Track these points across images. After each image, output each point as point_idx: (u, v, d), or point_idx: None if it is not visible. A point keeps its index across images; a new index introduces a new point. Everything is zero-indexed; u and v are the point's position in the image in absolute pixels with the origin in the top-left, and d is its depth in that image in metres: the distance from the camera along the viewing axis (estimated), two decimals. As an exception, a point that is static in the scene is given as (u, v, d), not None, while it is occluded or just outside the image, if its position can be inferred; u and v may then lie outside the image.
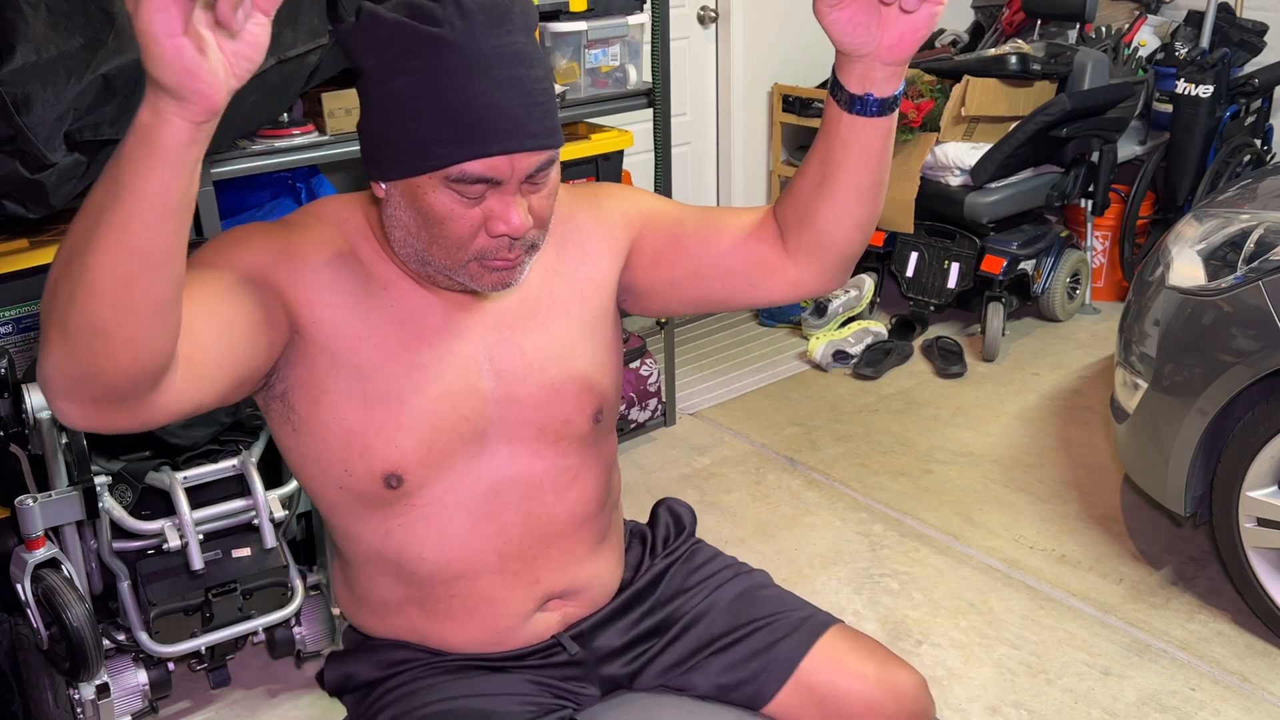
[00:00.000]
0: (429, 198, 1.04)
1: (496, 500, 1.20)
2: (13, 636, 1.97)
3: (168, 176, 0.78)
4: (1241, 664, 2.26)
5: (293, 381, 1.12)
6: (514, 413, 1.19)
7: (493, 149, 1.01)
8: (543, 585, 1.26)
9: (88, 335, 0.81)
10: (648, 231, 1.25)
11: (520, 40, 1.03)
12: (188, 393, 0.94)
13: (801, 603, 1.38)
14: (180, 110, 0.75)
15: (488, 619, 1.24)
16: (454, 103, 1.00)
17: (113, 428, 0.89)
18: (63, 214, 2.08)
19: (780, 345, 3.94)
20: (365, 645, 1.30)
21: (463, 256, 1.07)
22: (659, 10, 2.89)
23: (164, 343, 0.86)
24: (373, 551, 1.21)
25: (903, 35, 1.00)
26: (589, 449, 1.26)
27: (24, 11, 1.68)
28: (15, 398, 1.86)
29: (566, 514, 1.25)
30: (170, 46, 0.72)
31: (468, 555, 1.20)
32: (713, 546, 1.46)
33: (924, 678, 1.34)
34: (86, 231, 0.79)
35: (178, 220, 0.81)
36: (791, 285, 1.21)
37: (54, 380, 0.85)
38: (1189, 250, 2.36)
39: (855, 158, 1.09)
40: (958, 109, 3.70)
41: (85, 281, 0.80)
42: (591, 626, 1.31)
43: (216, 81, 0.75)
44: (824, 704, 1.28)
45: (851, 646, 1.32)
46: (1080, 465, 3.05)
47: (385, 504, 1.17)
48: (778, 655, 1.30)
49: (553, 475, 1.23)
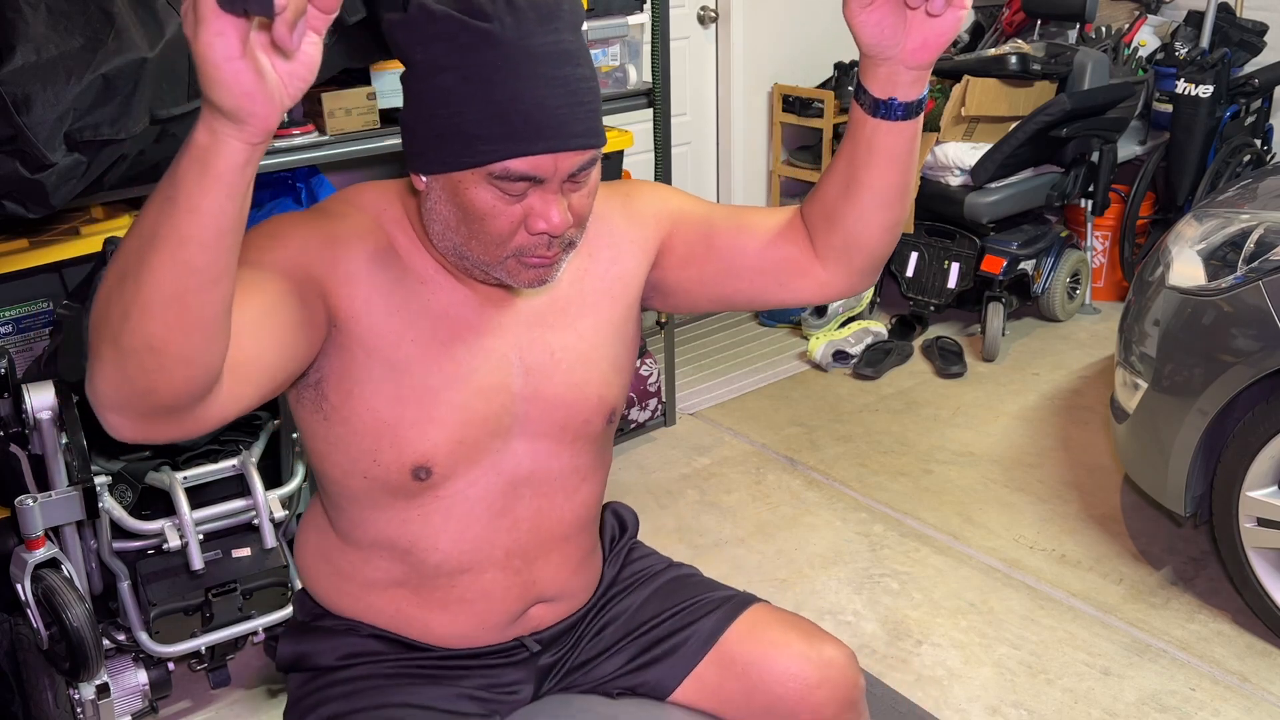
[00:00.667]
0: (470, 193, 1.04)
1: (514, 495, 1.21)
2: (13, 636, 1.97)
3: (223, 197, 0.78)
4: (1241, 664, 2.26)
5: (327, 372, 1.13)
6: (539, 411, 1.20)
7: (538, 147, 1.01)
8: (537, 587, 1.27)
9: (142, 353, 0.82)
10: (678, 230, 1.25)
11: (568, 39, 1.03)
12: (233, 400, 0.94)
13: (725, 587, 1.38)
14: (238, 132, 0.76)
15: (478, 614, 1.25)
16: (500, 99, 1.00)
17: (161, 438, 0.90)
18: (63, 214, 2.08)
19: (780, 345, 3.94)
20: (322, 627, 1.29)
21: (501, 253, 1.07)
22: (659, 10, 2.89)
23: (216, 358, 0.86)
24: (384, 537, 1.21)
25: (927, 39, 1.01)
26: (598, 452, 1.28)
27: (24, 11, 1.68)
28: (15, 398, 1.86)
29: (573, 515, 1.27)
30: (229, 71, 0.72)
31: (480, 548, 1.22)
32: (648, 547, 1.47)
33: (852, 651, 1.33)
34: (139, 251, 0.80)
35: (232, 240, 0.81)
36: (820, 286, 1.22)
37: (106, 396, 0.85)
38: (1189, 250, 2.36)
39: (880, 161, 1.10)
40: (958, 109, 3.70)
41: (140, 301, 0.80)
42: (555, 633, 1.32)
43: (273, 103, 0.76)
44: (748, 674, 1.28)
45: (776, 620, 1.32)
46: (1080, 465, 3.05)
47: (409, 495, 1.18)
48: (696, 633, 1.31)
49: (566, 474, 1.24)
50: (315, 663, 1.28)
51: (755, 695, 1.28)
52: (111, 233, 2.03)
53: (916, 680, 2.24)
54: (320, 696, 1.25)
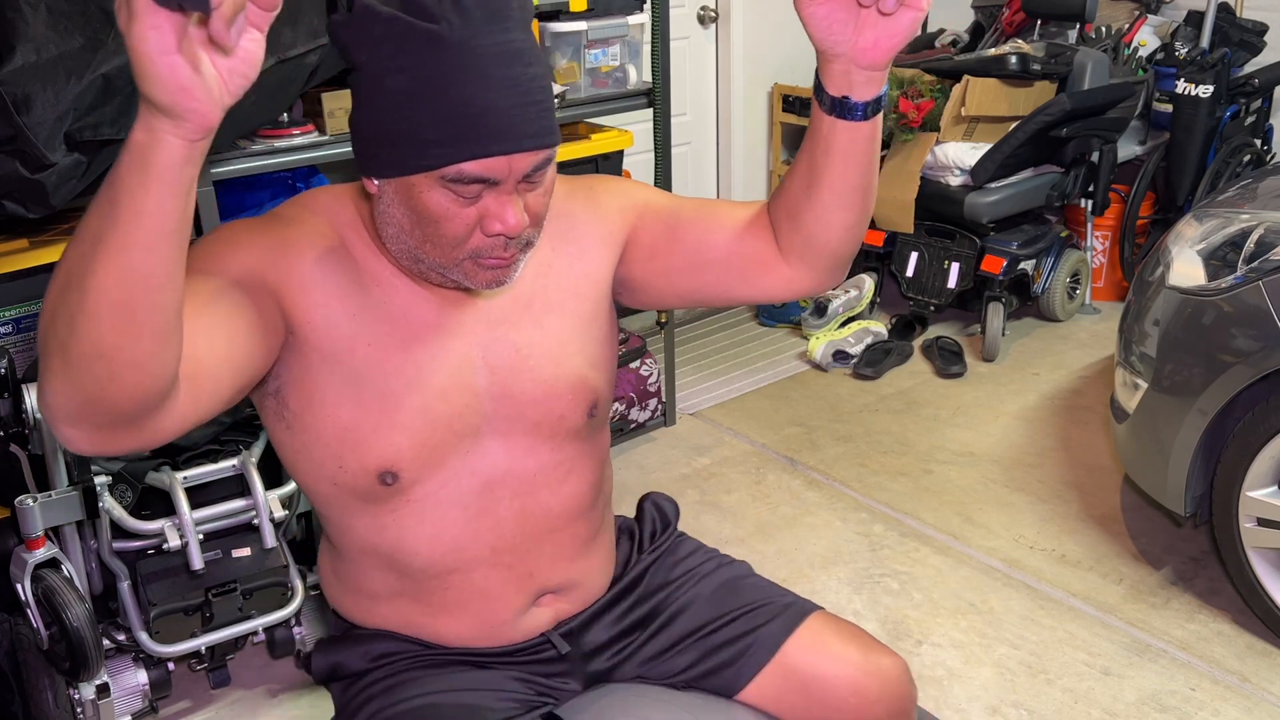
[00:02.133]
0: (424, 197, 1.02)
1: (490, 495, 1.20)
2: (13, 636, 1.97)
3: (164, 196, 0.77)
4: (1241, 664, 2.26)
5: (286, 379, 1.12)
6: (508, 409, 1.18)
7: (490, 149, 1.00)
8: (536, 580, 1.26)
9: (90, 361, 0.80)
10: (643, 224, 1.24)
11: (518, 37, 1.01)
12: (190, 409, 0.93)
13: (784, 591, 1.38)
14: (175, 129, 0.74)
15: (481, 613, 1.24)
16: (450, 101, 0.98)
17: (118, 450, 0.88)
18: (63, 214, 2.08)
19: (780, 345, 3.94)
20: (352, 634, 1.30)
21: (457, 255, 1.06)
22: (659, 10, 2.89)
23: (168, 364, 0.85)
24: (366, 544, 1.21)
25: (879, 39, 0.99)
26: (583, 444, 1.26)
27: (24, 11, 1.68)
28: (15, 398, 1.86)
29: (560, 508, 1.25)
30: (164, 65, 0.71)
31: (461, 549, 1.20)
32: (695, 539, 1.47)
33: (906, 663, 1.34)
34: (83, 257, 0.78)
35: (176, 242, 0.80)
36: (785, 283, 1.21)
37: (58, 407, 0.84)
38: (1189, 250, 2.36)
39: (838, 161, 1.08)
40: (958, 109, 3.70)
41: (85, 308, 0.79)
42: (581, 624, 1.32)
43: (211, 99, 0.74)
44: (807, 687, 1.29)
45: (835, 631, 1.32)
46: (1080, 465, 3.05)
47: (379, 499, 1.17)
48: (758, 640, 1.30)
49: (547, 470, 1.22)
50: (350, 669, 1.28)
51: (814, 707, 1.29)
52: (111, 233, 2.03)
53: (916, 680, 2.24)
54: (363, 697, 1.25)
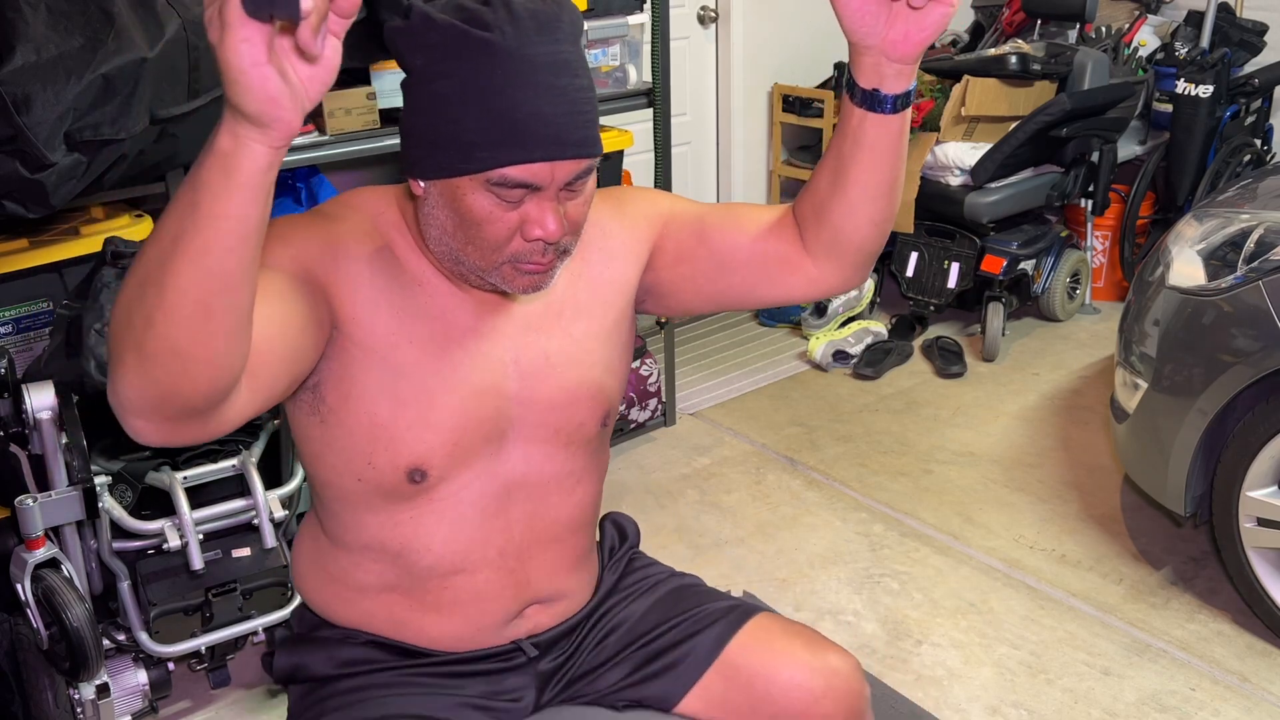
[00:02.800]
0: (468, 199, 1.05)
1: (507, 498, 1.22)
2: (13, 636, 1.97)
3: (246, 201, 0.79)
4: (1241, 664, 2.26)
5: (326, 374, 1.13)
6: (533, 414, 1.20)
7: (535, 155, 1.02)
8: (532, 588, 1.27)
9: (166, 357, 0.82)
10: (670, 230, 1.26)
11: (568, 49, 1.04)
12: (250, 401, 0.95)
13: (728, 596, 1.38)
14: (262, 136, 0.77)
15: (471, 615, 1.25)
16: (499, 107, 1.01)
17: (184, 440, 0.90)
18: (63, 214, 2.08)
19: (780, 345, 3.94)
20: (319, 635, 1.29)
21: (497, 258, 1.08)
22: (659, 10, 2.89)
23: (239, 359, 0.87)
24: (374, 540, 1.21)
25: (909, 33, 1.01)
26: (593, 455, 1.28)
27: (24, 11, 1.68)
28: (15, 398, 1.86)
29: (567, 518, 1.27)
30: (256, 77, 0.73)
31: (472, 550, 1.21)
32: (649, 556, 1.47)
33: (856, 660, 1.32)
34: (161, 258, 0.80)
35: (255, 244, 0.82)
36: (811, 283, 1.22)
37: (131, 401, 0.85)
38: (1189, 250, 2.36)
39: (867, 155, 1.10)
40: (958, 109, 3.70)
41: (163, 307, 0.80)
42: (552, 637, 1.32)
43: (296, 108, 0.77)
44: (753, 684, 1.28)
45: (780, 629, 1.32)
46: (1080, 465, 3.05)
47: (402, 497, 1.18)
48: (698, 645, 1.30)
49: (560, 478, 1.25)
50: (312, 673, 1.27)
51: (761, 707, 1.28)
52: (111, 233, 2.03)
53: (916, 680, 2.24)
54: (320, 708, 1.24)
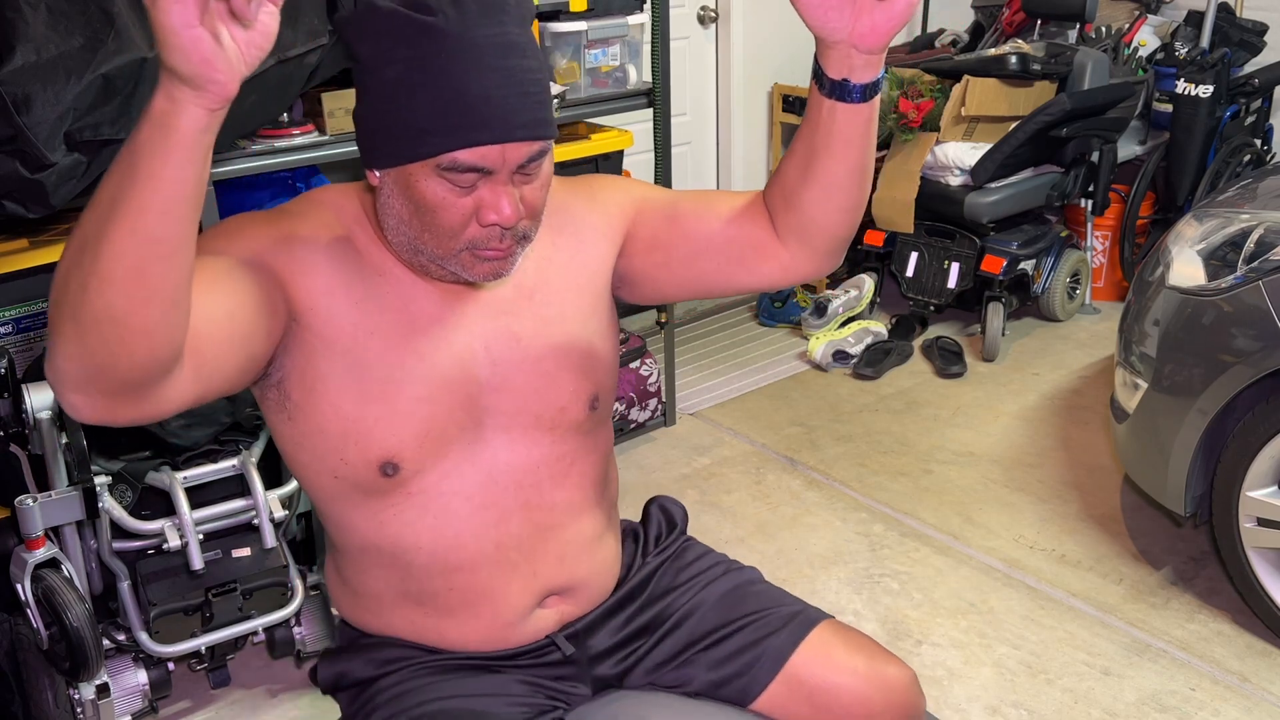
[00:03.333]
0: (421, 186, 1.05)
1: (494, 488, 1.20)
2: (13, 636, 1.97)
3: (183, 163, 0.80)
4: (1241, 664, 2.26)
5: (289, 369, 1.13)
6: (510, 401, 1.19)
7: (484, 137, 1.02)
8: (541, 579, 1.26)
9: (103, 325, 0.82)
10: (642, 217, 1.26)
11: (514, 31, 1.04)
12: (192, 384, 0.95)
13: (791, 598, 1.38)
14: (197, 98, 0.79)
15: (487, 616, 1.24)
16: (445, 91, 1.01)
17: (121, 420, 0.90)
18: (63, 214, 2.08)
19: (780, 345, 3.94)
20: (359, 643, 1.30)
21: (454, 245, 1.08)
22: (659, 10, 2.89)
23: (176, 331, 0.87)
24: (368, 542, 1.21)
25: (876, 24, 1.00)
26: (585, 437, 1.26)
27: (24, 11, 1.68)
28: (15, 398, 1.86)
29: (565, 502, 1.25)
30: (188, 37, 0.76)
31: (465, 544, 1.20)
32: (703, 544, 1.46)
33: (914, 672, 1.34)
34: (98, 221, 0.81)
35: (191, 207, 0.83)
36: (784, 269, 1.22)
37: (66, 373, 0.85)
38: (1189, 250, 2.36)
39: (837, 143, 1.10)
40: (958, 109, 3.70)
41: (98, 271, 0.81)
42: (586, 626, 1.31)
43: (231, 70, 0.79)
44: (814, 697, 1.28)
45: (841, 641, 1.32)
46: (1080, 465, 3.05)
47: (381, 492, 1.17)
48: (767, 650, 1.30)
49: (549, 463, 1.23)
50: (355, 677, 1.28)
51: (820, 718, 1.29)
52: (111, 233, 2.03)
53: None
54: (371, 705, 1.24)
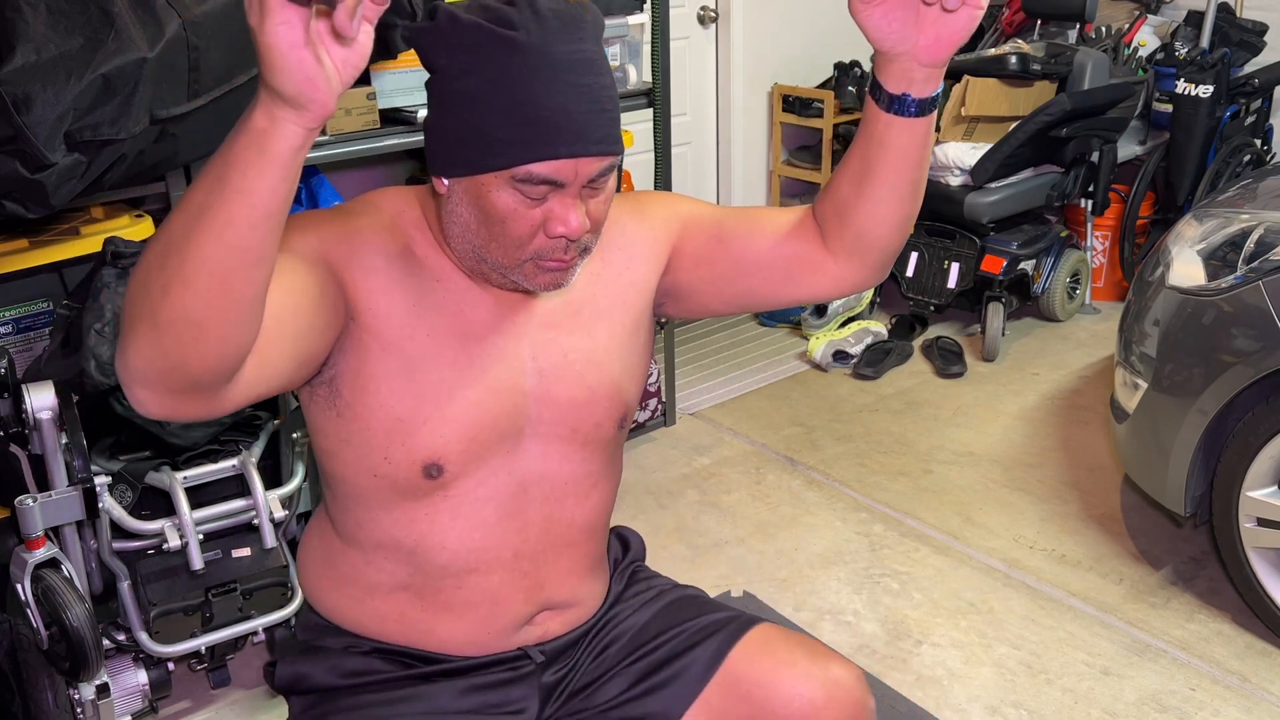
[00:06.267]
0: (492, 196, 1.06)
1: (524, 497, 1.22)
2: (13, 636, 1.97)
3: (276, 179, 0.81)
4: (1241, 664, 2.26)
5: (342, 368, 1.14)
6: (551, 413, 1.21)
7: (560, 151, 1.03)
8: (545, 592, 1.27)
9: (180, 327, 0.83)
10: (689, 234, 1.27)
11: (591, 49, 1.06)
12: (255, 381, 0.96)
13: (729, 607, 1.37)
14: (298, 118, 0.79)
15: (484, 617, 1.25)
16: (524, 104, 1.02)
17: (185, 415, 0.92)
18: (63, 214, 2.08)
19: (780, 345, 3.94)
20: (322, 646, 1.29)
21: (520, 255, 1.09)
22: (659, 10, 2.89)
23: (250, 336, 0.89)
24: (389, 538, 1.21)
25: (940, 37, 1.01)
26: (609, 458, 1.28)
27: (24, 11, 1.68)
28: (15, 398, 1.86)
29: (583, 520, 1.27)
30: (294, 59, 0.76)
31: (488, 549, 1.22)
32: (653, 570, 1.46)
33: (861, 671, 1.31)
34: (186, 228, 0.82)
35: (278, 221, 0.84)
36: (833, 282, 1.23)
37: (137, 369, 0.86)
38: (1189, 250, 2.36)
39: (893, 157, 1.11)
40: (958, 109, 3.70)
41: (182, 276, 0.82)
42: (561, 645, 1.32)
43: (331, 89, 0.79)
44: (751, 696, 1.26)
45: (781, 639, 1.31)
46: (1080, 465, 3.05)
47: (418, 494, 1.18)
48: (700, 654, 1.29)
49: (577, 479, 1.25)
50: (314, 683, 1.27)
51: (763, 718, 1.26)
52: (111, 233, 2.03)
53: (916, 680, 2.24)
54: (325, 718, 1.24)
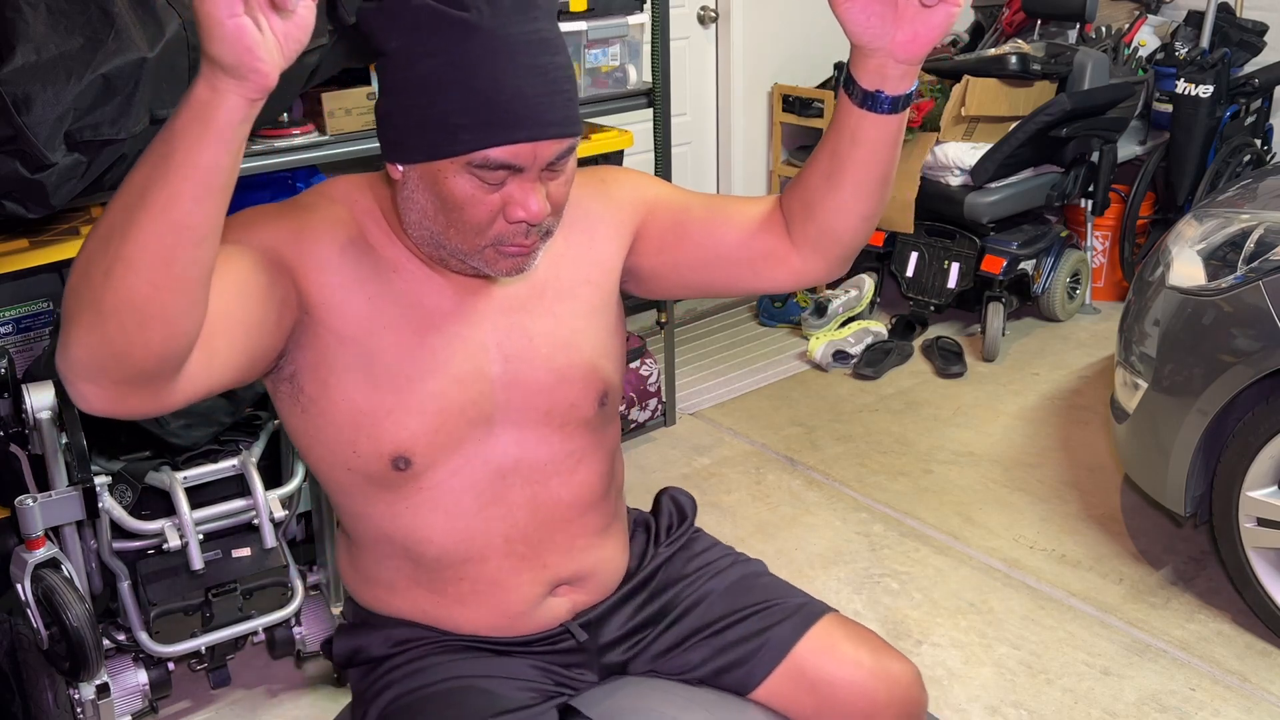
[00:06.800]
0: (450, 182, 1.04)
1: (503, 483, 1.21)
2: (13, 636, 1.97)
3: (220, 152, 0.81)
4: (1241, 664, 2.26)
5: (301, 363, 1.13)
6: (520, 397, 1.20)
7: (518, 135, 1.02)
8: (550, 570, 1.26)
9: (123, 312, 0.83)
10: (653, 218, 1.26)
11: (545, 27, 1.04)
12: (202, 374, 0.95)
13: (797, 591, 1.38)
14: (238, 87, 0.79)
15: (497, 604, 1.25)
16: (480, 88, 1.00)
17: (130, 412, 0.90)
18: (63, 214, 2.08)
19: (780, 345, 3.94)
20: (372, 620, 1.30)
21: (480, 241, 1.08)
22: (659, 10, 2.89)
23: (194, 320, 0.87)
24: (380, 533, 1.22)
25: (917, 34, 1.01)
26: (594, 434, 1.27)
27: (24, 11, 1.68)
28: (15, 398, 1.86)
29: (572, 498, 1.26)
30: (231, 27, 0.76)
31: (474, 538, 1.21)
32: (711, 536, 1.47)
33: (917, 668, 1.33)
34: (128, 208, 0.81)
35: (223, 196, 0.84)
36: (795, 275, 1.23)
37: (80, 361, 0.85)
38: (1189, 250, 2.36)
39: (864, 152, 1.10)
40: (958, 109, 3.70)
41: (124, 257, 0.81)
42: (599, 615, 1.32)
43: (272, 60, 0.79)
44: (817, 689, 1.28)
45: (846, 634, 1.32)
46: (1080, 465, 3.05)
47: (392, 486, 1.18)
48: (771, 640, 1.30)
49: (558, 459, 1.24)
50: (370, 654, 1.28)
51: (823, 710, 1.28)
52: (111, 233, 2.03)
53: (916, 680, 2.24)
54: (383, 683, 1.25)
